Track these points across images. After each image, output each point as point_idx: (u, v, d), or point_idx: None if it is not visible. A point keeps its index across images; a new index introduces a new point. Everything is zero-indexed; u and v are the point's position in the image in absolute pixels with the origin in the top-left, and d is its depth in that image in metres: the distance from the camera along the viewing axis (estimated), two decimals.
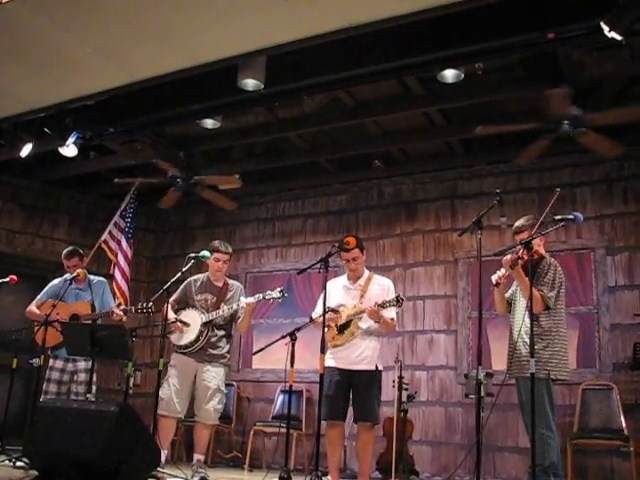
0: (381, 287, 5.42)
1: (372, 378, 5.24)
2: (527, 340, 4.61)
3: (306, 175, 8.94)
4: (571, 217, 4.52)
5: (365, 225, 8.73)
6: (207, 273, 6.04)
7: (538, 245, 4.72)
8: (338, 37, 4.71)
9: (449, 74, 5.89)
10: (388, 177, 8.67)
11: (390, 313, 5.26)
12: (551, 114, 5.86)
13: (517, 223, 4.95)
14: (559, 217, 4.55)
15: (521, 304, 4.88)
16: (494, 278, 4.78)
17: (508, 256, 4.68)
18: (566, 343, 4.78)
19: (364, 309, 5.19)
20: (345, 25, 4.54)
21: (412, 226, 8.43)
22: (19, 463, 5.39)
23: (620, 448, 6.46)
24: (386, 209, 8.67)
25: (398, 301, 5.10)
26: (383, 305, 5.10)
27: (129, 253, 8.84)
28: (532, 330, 4.25)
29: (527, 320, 4.67)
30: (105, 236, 8.80)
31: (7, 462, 5.52)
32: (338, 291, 5.47)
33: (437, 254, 8.19)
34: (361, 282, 5.45)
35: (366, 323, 5.26)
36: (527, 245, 4.43)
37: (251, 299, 5.66)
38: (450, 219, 8.21)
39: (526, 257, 4.55)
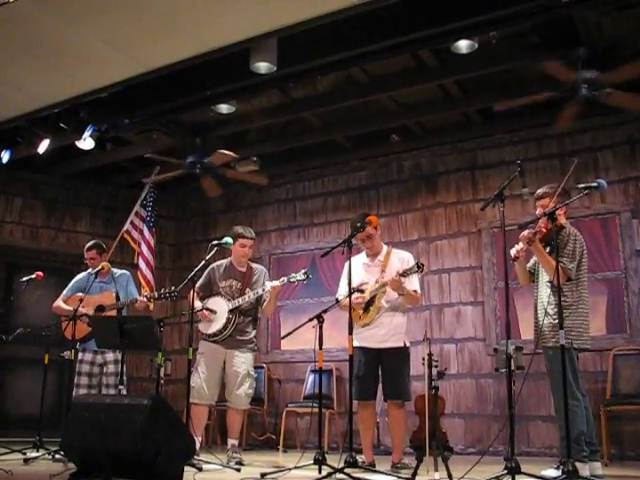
0: (401, 260, 5.33)
1: (401, 355, 5.24)
2: (549, 311, 4.62)
3: (324, 154, 8.89)
4: (595, 185, 4.44)
5: (386, 200, 8.67)
6: (230, 258, 6.03)
7: (559, 214, 4.66)
8: (348, 14, 4.67)
9: (463, 45, 5.82)
10: (407, 151, 8.60)
11: (413, 285, 5.22)
12: (564, 83, 5.76)
13: (539, 190, 4.95)
14: (583, 185, 4.46)
15: (542, 275, 4.86)
16: (512, 252, 4.74)
17: (525, 232, 4.62)
18: (588, 313, 4.76)
19: (386, 281, 5.13)
20: (354, 2, 4.49)
21: (433, 199, 8.36)
22: (57, 456, 5.47)
23: None
24: (406, 183, 8.61)
25: (419, 267, 4.96)
26: (404, 274, 5.00)
27: (152, 242, 8.87)
28: (560, 302, 4.20)
29: (550, 292, 4.65)
30: (127, 226, 8.85)
31: (47, 456, 5.60)
32: (358, 269, 5.37)
33: (460, 226, 8.12)
34: (380, 258, 5.40)
35: (390, 297, 5.21)
36: (551, 215, 4.37)
37: (276, 282, 5.65)
38: (471, 190, 8.13)
39: (549, 227, 4.51)
